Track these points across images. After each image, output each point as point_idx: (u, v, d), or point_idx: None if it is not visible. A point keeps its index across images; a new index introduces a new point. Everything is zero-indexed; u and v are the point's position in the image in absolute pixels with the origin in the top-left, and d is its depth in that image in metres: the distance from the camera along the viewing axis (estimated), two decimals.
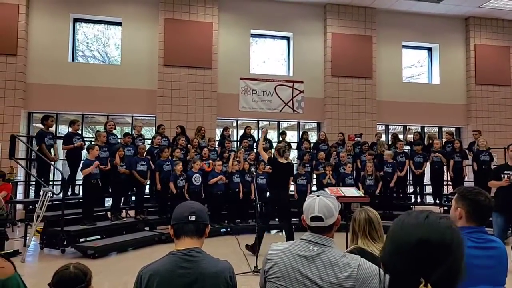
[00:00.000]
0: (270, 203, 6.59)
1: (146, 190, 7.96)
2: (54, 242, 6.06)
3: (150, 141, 8.62)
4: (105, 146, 7.14)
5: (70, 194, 7.21)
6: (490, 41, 11.92)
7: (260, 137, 6.52)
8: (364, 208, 2.34)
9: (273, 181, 6.17)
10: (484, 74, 11.75)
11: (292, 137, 11.43)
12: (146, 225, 7.42)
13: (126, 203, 7.70)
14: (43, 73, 9.46)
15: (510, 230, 5.74)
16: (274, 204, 6.16)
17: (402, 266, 0.94)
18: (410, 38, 11.73)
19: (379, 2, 10.93)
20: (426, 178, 9.04)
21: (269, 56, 11.39)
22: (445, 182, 9.10)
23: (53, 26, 9.64)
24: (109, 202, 7.50)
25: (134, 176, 7.14)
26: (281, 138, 9.55)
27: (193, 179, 7.44)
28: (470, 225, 1.79)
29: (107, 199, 7.65)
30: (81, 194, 7.11)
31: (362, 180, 8.33)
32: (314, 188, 8.72)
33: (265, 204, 7.62)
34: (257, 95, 10.59)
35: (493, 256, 1.74)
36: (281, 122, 11.31)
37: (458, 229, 1.00)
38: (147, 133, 10.86)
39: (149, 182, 7.74)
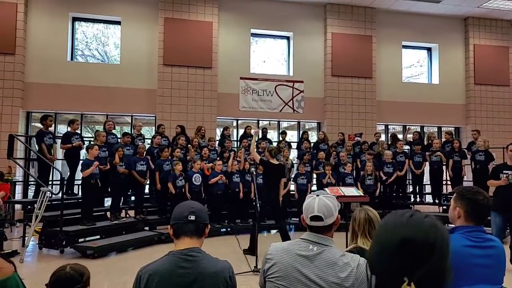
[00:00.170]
0: (263, 204, 6.65)
1: (146, 190, 7.96)
2: (53, 242, 6.03)
3: (150, 140, 8.62)
4: (104, 146, 7.14)
5: (69, 192, 7.21)
6: (489, 41, 11.94)
7: (253, 138, 6.55)
8: (364, 207, 2.34)
9: (264, 181, 6.30)
10: (483, 74, 11.77)
11: (292, 136, 11.43)
12: (145, 225, 7.41)
13: (125, 203, 7.69)
14: (42, 72, 9.44)
15: (508, 230, 5.74)
16: (266, 204, 6.28)
17: (387, 266, 0.93)
18: (409, 38, 11.74)
19: (379, 2, 10.94)
20: (426, 178, 9.05)
21: (269, 55, 11.39)
22: (444, 182, 9.12)
23: (52, 25, 9.62)
24: (108, 202, 7.50)
25: (134, 176, 7.14)
26: (281, 138, 9.56)
27: (193, 179, 7.43)
28: (469, 224, 1.79)
29: (107, 199, 7.64)
30: (80, 194, 7.10)
31: (362, 179, 8.35)
32: (314, 187, 8.74)
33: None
34: (257, 95, 10.59)
35: (491, 255, 1.75)
36: (281, 122, 11.31)
37: (444, 228, 0.98)
38: (147, 132, 10.85)
39: (149, 182, 7.74)
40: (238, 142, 9.77)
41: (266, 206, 6.37)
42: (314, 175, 9.01)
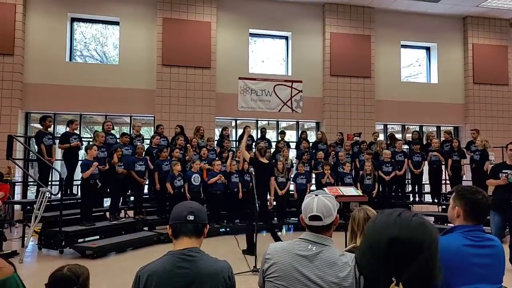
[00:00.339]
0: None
1: (145, 190, 7.95)
2: (52, 242, 6.03)
3: (149, 141, 8.61)
4: (103, 146, 7.14)
5: (67, 193, 7.20)
6: (488, 40, 11.95)
7: (244, 136, 6.57)
8: (363, 207, 2.34)
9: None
10: (482, 73, 11.78)
11: (291, 136, 11.43)
12: (145, 225, 7.40)
13: (124, 203, 7.69)
14: (41, 73, 9.43)
15: (507, 229, 5.75)
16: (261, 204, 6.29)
17: (376, 265, 0.92)
18: (408, 37, 11.75)
19: (378, 1, 10.94)
20: (425, 177, 9.06)
21: (268, 55, 11.38)
22: (443, 181, 9.13)
23: (50, 25, 9.61)
24: (107, 202, 7.49)
25: (132, 176, 7.13)
26: (280, 138, 9.56)
27: (192, 179, 7.43)
28: (468, 223, 1.79)
29: (106, 200, 7.63)
30: (79, 194, 7.10)
31: (361, 179, 8.35)
32: (313, 187, 8.74)
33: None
34: (256, 95, 10.59)
35: (490, 254, 1.75)
36: (280, 122, 11.30)
37: (433, 227, 0.96)
38: (146, 133, 10.84)
39: (148, 182, 7.74)
40: (237, 142, 9.76)
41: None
42: (313, 175, 9.01)
